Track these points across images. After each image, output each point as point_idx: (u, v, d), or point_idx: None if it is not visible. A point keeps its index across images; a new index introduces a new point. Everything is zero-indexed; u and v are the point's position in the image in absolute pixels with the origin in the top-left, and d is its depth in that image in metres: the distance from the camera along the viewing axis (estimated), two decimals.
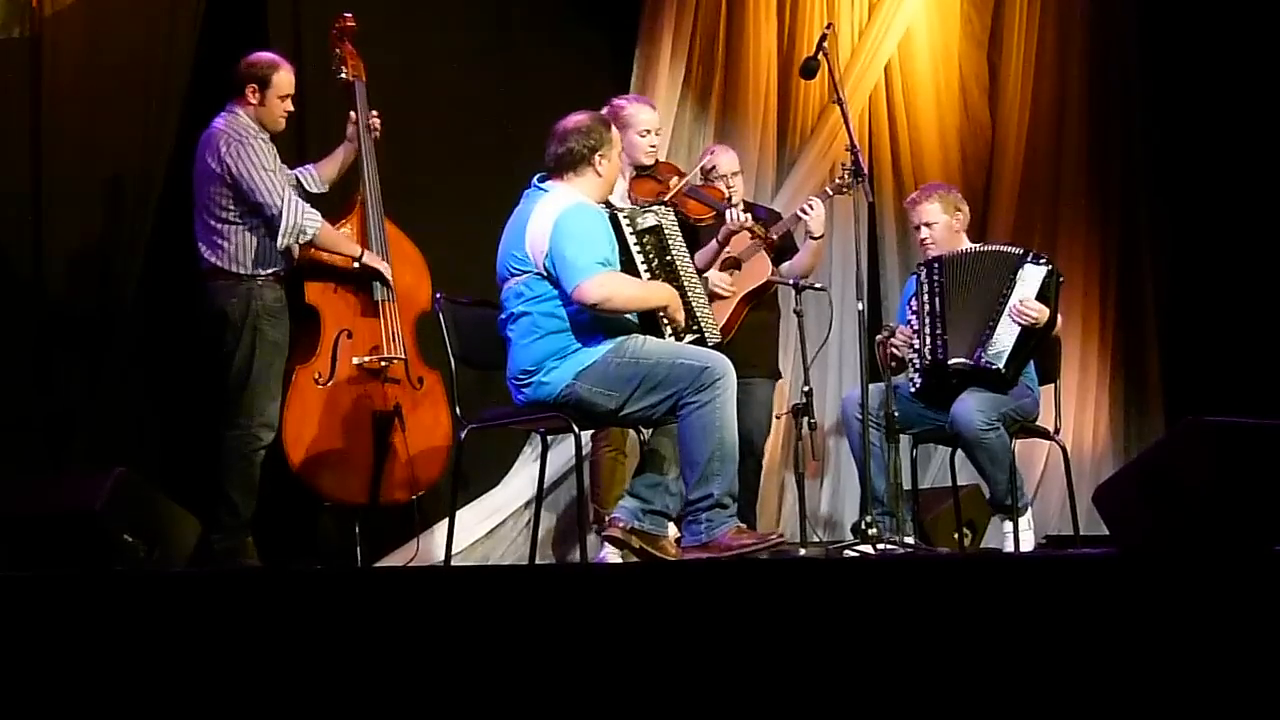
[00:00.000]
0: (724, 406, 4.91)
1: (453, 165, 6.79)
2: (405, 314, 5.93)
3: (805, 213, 6.11)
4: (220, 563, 5.42)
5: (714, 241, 6.03)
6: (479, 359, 5.51)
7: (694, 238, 5.99)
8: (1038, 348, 5.94)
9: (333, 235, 5.73)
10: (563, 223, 4.94)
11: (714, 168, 6.23)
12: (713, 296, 5.95)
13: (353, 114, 5.94)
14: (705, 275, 5.93)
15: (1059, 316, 5.98)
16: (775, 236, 6.10)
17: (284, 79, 5.69)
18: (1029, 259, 5.92)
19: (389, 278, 5.86)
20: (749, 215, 6.02)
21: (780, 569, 4.39)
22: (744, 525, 5.15)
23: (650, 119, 6.06)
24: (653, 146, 6.05)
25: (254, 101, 5.65)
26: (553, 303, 4.99)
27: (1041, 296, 5.85)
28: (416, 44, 6.77)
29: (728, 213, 5.97)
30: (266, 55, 5.70)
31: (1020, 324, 5.82)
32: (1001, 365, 5.79)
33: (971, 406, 5.72)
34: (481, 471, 6.67)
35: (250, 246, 5.58)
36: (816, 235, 6.16)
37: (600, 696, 3.51)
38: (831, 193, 6.20)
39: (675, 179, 6.01)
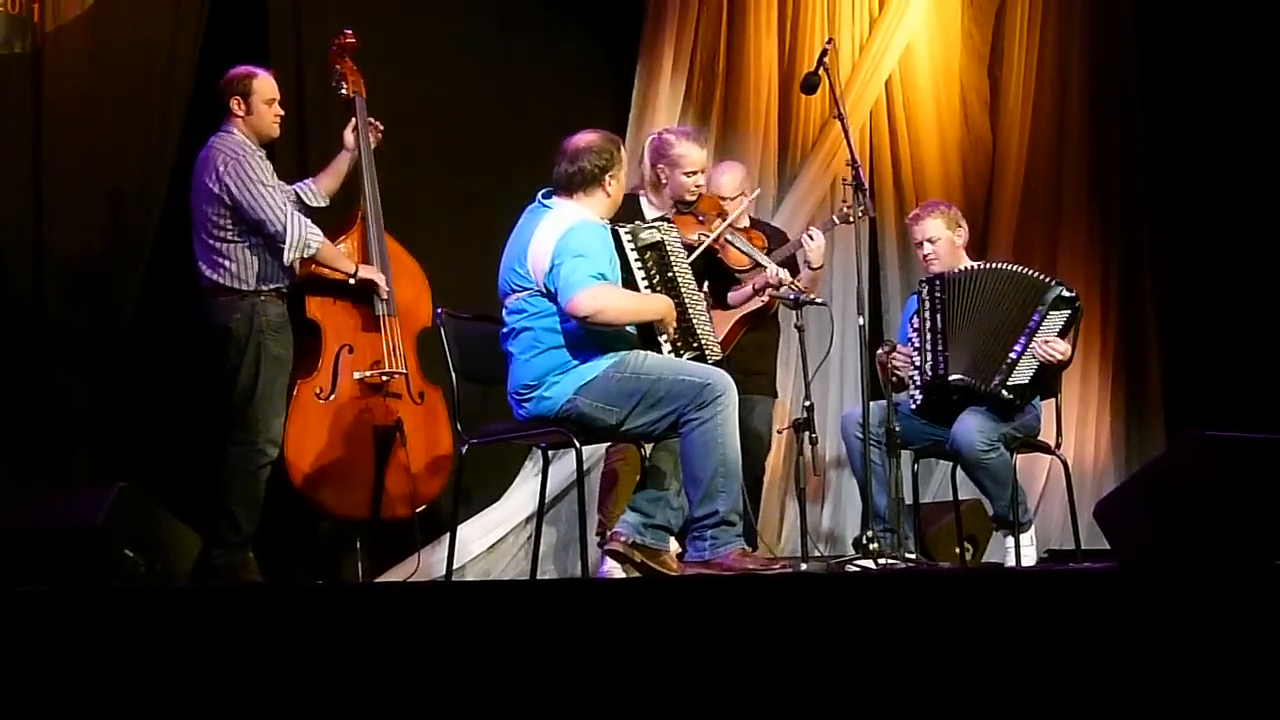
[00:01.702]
0: (726, 423, 4.91)
1: (453, 179, 6.80)
2: (406, 329, 5.93)
3: (806, 243, 6.16)
4: (221, 578, 5.41)
5: (749, 287, 6.07)
6: (480, 374, 5.51)
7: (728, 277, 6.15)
8: (1053, 379, 5.93)
9: (331, 251, 5.74)
10: (565, 240, 4.94)
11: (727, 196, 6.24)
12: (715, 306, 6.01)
13: (352, 120, 5.95)
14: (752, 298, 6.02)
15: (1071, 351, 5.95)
16: (809, 298, 6.08)
17: (264, 84, 5.69)
18: (1056, 288, 5.87)
19: (385, 288, 5.85)
20: (787, 271, 6.03)
21: (781, 584, 4.38)
22: (749, 549, 5.15)
23: (699, 159, 6.08)
24: (698, 186, 6.06)
25: (241, 113, 5.66)
26: (554, 318, 4.99)
27: (1063, 331, 5.84)
28: (417, 59, 6.78)
29: (770, 268, 5.99)
30: (242, 68, 5.71)
31: (1043, 361, 5.79)
32: (1018, 399, 5.78)
33: (972, 427, 5.71)
34: (483, 486, 6.67)
35: (251, 263, 5.59)
36: (815, 266, 6.21)
37: (602, 711, 3.51)
38: (838, 221, 6.26)
39: (718, 220, 6.03)
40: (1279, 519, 4.31)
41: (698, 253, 5.86)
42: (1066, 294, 5.87)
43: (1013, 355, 5.80)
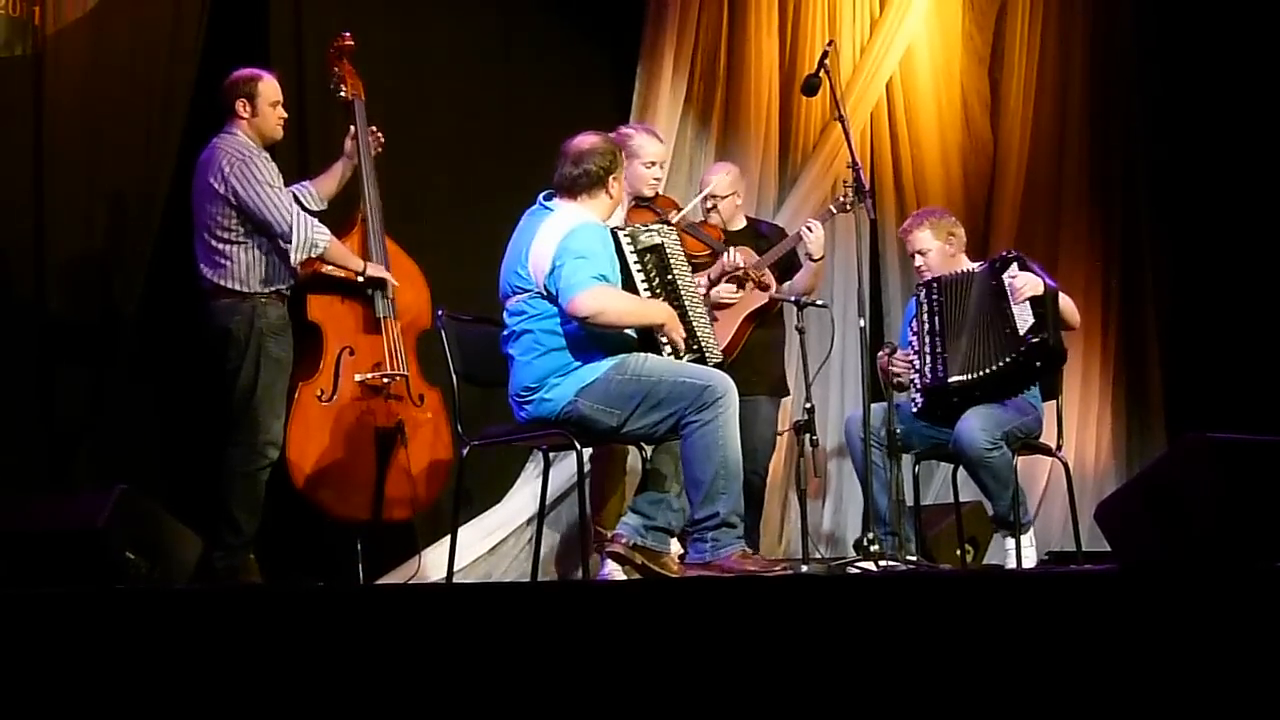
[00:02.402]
0: (726, 425, 4.91)
1: (454, 182, 6.80)
2: (407, 331, 5.93)
3: (805, 234, 6.16)
4: (222, 580, 5.41)
5: (706, 277, 6.05)
6: (481, 376, 5.51)
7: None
8: (1055, 310, 5.79)
9: (340, 249, 5.74)
10: (566, 241, 4.94)
11: (713, 205, 6.24)
12: (718, 306, 5.99)
13: (352, 129, 5.95)
14: (708, 291, 5.96)
15: (1051, 281, 5.86)
16: (769, 285, 6.07)
17: (269, 87, 5.69)
18: (995, 262, 5.88)
19: (393, 283, 5.86)
20: (746, 256, 6.03)
21: (782, 586, 4.38)
22: (750, 550, 5.15)
23: (657, 151, 6.07)
24: (656, 179, 6.06)
25: (246, 115, 5.65)
26: (554, 320, 5.00)
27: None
28: (418, 62, 6.79)
29: (724, 254, 6.00)
30: (246, 70, 5.71)
31: (1025, 299, 5.75)
32: (1040, 336, 5.66)
33: (975, 425, 5.71)
34: (483, 489, 6.67)
35: (253, 265, 5.58)
36: (816, 257, 6.19)
37: (603, 713, 3.51)
38: (835, 210, 6.24)
39: (674, 213, 6.02)
40: (1278, 521, 4.31)
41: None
42: (1004, 256, 5.90)
43: (1004, 318, 5.74)
